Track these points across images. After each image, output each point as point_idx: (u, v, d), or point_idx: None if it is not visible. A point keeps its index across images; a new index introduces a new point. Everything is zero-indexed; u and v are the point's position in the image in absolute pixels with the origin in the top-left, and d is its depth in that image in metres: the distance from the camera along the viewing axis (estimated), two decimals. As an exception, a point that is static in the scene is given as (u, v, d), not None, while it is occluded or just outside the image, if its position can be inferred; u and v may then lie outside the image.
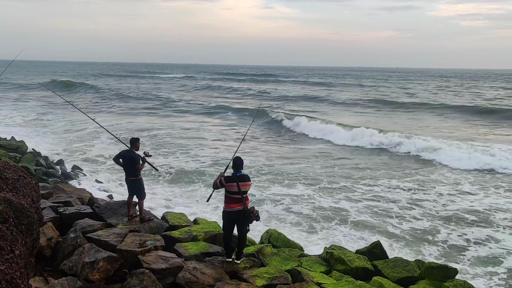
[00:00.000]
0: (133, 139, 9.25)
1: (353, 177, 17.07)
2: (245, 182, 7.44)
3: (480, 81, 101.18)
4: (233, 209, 7.45)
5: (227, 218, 7.62)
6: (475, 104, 43.96)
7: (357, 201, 14.04)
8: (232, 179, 7.41)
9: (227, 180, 7.42)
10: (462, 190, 15.45)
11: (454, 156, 19.93)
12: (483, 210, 13.19)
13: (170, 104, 45.32)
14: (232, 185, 7.36)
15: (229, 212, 7.51)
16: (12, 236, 3.45)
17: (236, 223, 7.63)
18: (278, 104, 46.72)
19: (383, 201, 14.05)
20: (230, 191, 7.41)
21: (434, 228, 11.82)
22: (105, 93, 56.05)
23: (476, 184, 16.30)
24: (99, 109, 40.17)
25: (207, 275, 7.06)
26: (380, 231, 11.54)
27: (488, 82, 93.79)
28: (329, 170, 18.26)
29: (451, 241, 11.02)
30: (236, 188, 7.33)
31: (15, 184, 4.15)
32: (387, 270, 8.19)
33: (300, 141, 26.50)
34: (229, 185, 7.39)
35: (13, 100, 46.12)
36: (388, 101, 48.70)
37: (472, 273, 9.37)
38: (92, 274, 6.76)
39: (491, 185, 16.18)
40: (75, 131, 27.20)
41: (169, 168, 17.74)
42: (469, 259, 10.07)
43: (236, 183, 7.34)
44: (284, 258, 8.28)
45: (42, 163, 15.62)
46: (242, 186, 7.36)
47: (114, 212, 9.44)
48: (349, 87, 73.73)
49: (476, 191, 15.28)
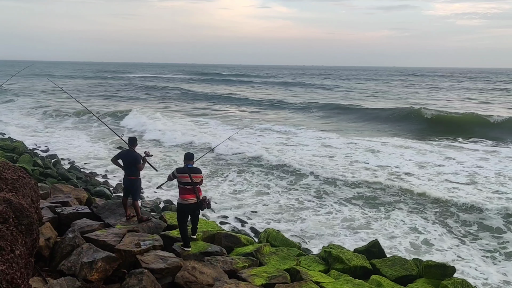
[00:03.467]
0: (132, 138, 9.18)
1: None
2: (196, 174, 7.94)
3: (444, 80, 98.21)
4: (187, 201, 7.87)
5: (181, 210, 8.00)
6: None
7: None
8: (184, 170, 7.94)
9: (179, 171, 7.96)
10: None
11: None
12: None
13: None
14: (184, 176, 7.87)
15: (184, 205, 7.93)
16: (12, 236, 3.45)
17: (190, 213, 8.08)
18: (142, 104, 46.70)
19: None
20: (183, 181, 7.88)
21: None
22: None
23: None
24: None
25: (206, 275, 7.07)
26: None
27: (457, 82, 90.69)
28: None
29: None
30: (189, 179, 7.83)
31: (14, 184, 4.14)
32: (385, 268, 8.22)
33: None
34: (180, 176, 7.89)
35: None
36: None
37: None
38: (91, 274, 6.74)
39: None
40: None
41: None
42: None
43: (188, 174, 7.85)
44: (282, 257, 8.29)
45: (39, 164, 15.58)
46: (194, 177, 7.86)
47: (112, 212, 9.42)
48: (303, 87, 73.18)
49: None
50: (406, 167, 18.38)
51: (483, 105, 44.25)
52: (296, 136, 26.40)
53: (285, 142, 24.55)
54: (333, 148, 22.46)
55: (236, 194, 15.04)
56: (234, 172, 17.66)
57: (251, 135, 26.83)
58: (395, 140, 24.97)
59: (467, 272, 9.44)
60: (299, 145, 23.40)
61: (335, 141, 24.05)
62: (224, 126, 30.51)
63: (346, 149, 21.98)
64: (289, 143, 24.28)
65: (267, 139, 25.53)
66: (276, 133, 27.87)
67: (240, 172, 17.66)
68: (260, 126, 30.29)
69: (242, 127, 29.55)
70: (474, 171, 17.63)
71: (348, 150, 21.89)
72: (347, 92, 63.34)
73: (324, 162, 19.09)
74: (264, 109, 43.09)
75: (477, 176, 16.78)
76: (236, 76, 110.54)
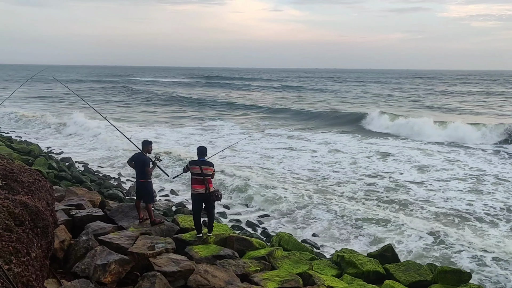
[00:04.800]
0: (145, 142, 9.29)
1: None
2: (207, 166, 8.54)
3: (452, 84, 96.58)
4: (197, 190, 8.53)
5: (193, 199, 8.71)
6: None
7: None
8: (195, 162, 8.64)
9: (191, 163, 8.69)
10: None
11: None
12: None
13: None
14: (195, 168, 8.53)
15: (195, 195, 8.62)
16: (28, 238, 3.49)
17: (203, 203, 8.65)
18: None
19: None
20: (194, 173, 8.55)
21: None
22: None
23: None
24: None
25: (218, 278, 7.07)
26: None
27: (458, 85, 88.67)
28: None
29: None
30: (199, 170, 8.46)
31: (30, 187, 4.20)
32: (399, 273, 8.13)
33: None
34: (192, 167, 8.58)
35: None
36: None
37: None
38: (104, 277, 6.79)
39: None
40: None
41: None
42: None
43: (199, 166, 8.49)
44: (295, 261, 8.25)
45: (54, 166, 15.78)
46: (205, 169, 8.46)
47: (125, 215, 9.48)
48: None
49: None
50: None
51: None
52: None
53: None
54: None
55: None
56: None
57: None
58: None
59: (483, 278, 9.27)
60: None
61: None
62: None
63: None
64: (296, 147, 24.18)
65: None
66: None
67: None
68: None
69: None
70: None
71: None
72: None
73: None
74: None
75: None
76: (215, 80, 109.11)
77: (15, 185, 4.07)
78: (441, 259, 10.06)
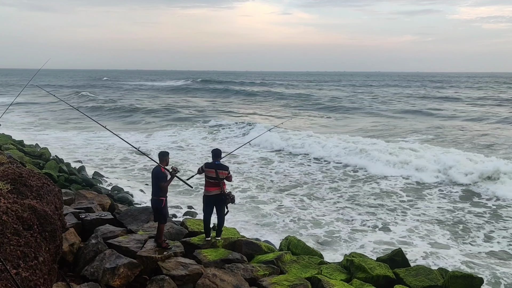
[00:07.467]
0: (161, 153, 8.16)
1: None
2: (222, 170, 8.44)
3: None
4: (210, 192, 8.47)
5: (206, 201, 8.59)
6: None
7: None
8: (211, 165, 8.53)
9: (207, 166, 8.57)
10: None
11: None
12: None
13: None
14: (211, 171, 8.44)
15: (208, 196, 8.53)
16: (36, 243, 3.51)
17: (214, 205, 8.54)
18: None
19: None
20: (209, 176, 8.48)
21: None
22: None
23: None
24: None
25: (226, 282, 7.04)
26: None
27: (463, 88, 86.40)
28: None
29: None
30: (214, 174, 8.40)
31: (39, 191, 4.23)
32: (409, 278, 8.02)
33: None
34: (208, 170, 8.49)
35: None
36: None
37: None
38: (113, 280, 6.81)
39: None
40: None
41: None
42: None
43: (214, 169, 8.40)
44: (303, 265, 8.20)
45: (64, 170, 15.91)
46: (220, 173, 8.40)
47: (134, 218, 9.52)
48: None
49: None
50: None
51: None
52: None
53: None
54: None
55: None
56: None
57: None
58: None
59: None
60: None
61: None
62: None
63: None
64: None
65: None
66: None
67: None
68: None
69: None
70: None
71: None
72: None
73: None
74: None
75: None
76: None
77: (23, 189, 4.10)
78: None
